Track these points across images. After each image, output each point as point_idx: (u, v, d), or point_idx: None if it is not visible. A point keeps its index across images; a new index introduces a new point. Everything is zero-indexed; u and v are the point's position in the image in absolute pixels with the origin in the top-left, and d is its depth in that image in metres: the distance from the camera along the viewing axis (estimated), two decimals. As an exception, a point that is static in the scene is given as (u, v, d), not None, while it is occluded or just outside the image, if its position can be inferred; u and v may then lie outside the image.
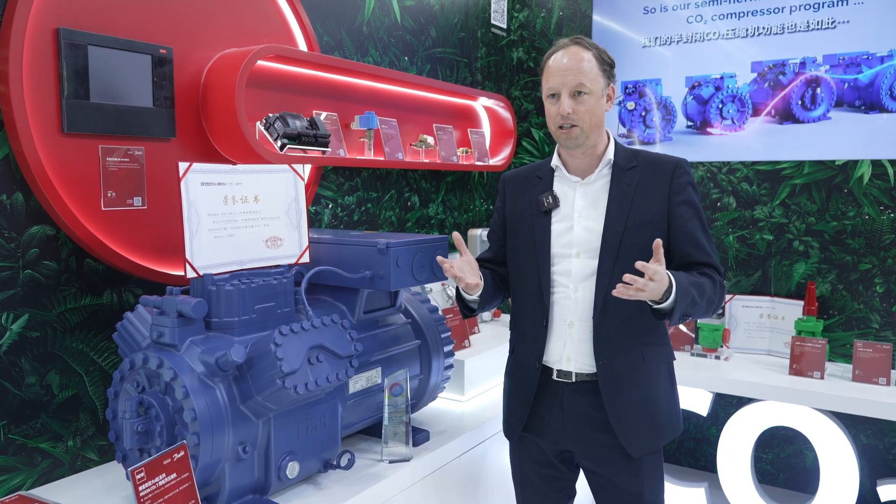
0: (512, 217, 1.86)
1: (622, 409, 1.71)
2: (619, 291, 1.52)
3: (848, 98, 2.88)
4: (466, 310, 1.82)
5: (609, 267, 1.68)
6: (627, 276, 1.50)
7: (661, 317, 1.59)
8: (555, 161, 1.81)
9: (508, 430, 1.88)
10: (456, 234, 1.70)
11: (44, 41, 1.63)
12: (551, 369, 1.77)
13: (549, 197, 1.77)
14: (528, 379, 1.80)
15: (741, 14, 3.09)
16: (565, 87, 1.68)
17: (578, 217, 1.74)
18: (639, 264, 1.51)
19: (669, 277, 1.54)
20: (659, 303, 1.55)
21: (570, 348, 1.74)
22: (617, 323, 1.70)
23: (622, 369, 1.71)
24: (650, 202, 1.71)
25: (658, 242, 1.54)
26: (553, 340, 1.77)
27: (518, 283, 1.83)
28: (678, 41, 3.24)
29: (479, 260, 1.93)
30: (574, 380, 1.75)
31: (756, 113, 3.09)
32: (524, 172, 1.89)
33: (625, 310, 1.69)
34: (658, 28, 3.29)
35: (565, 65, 1.69)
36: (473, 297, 1.76)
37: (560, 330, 1.76)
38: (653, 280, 1.49)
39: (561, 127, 1.70)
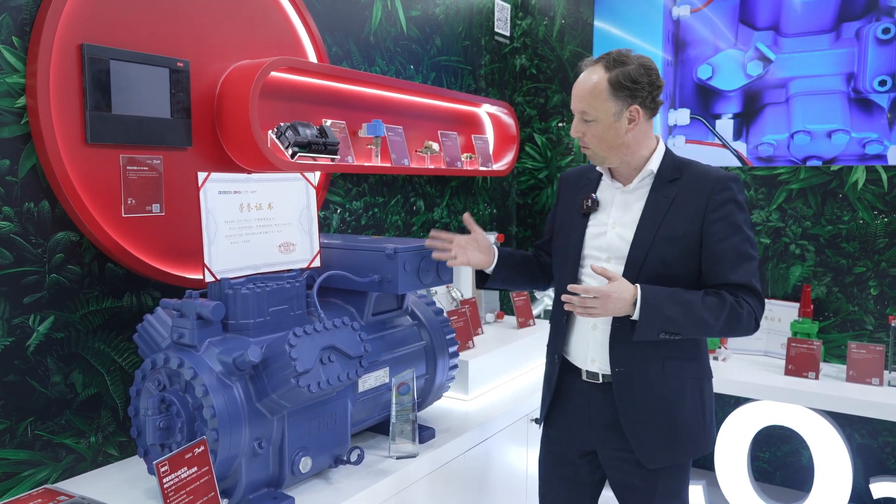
0: (561, 214, 1.91)
1: (636, 418, 1.72)
2: (568, 307, 1.65)
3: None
4: (480, 277, 1.97)
5: (633, 276, 1.69)
6: (570, 290, 1.64)
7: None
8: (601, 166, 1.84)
9: (539, 416, 1.98)
10: (466, 214, 1.89)
11: (69, 56, 1.71)
12: (580, 369, 1.82)
13: (589, 200, 1.80)
14: (551, 371, 1.89)
15: (739, 23, 3.16)
16: (574, 110, 1.73)
17: (613, 223, 1.76)
18: (571, 287, 1.63)
19: (638, 290, 1.61)
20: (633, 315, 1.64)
21: (594, 350, 1.78)
22: (632, 331, 1.68)
23: (638, 378, 1.72)
24: (684, 217, 1.68)
25: (594, 266, 1.65)
26: (577, 341, 1.81)
27: (556, 280, 1.90)
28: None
29: (535, 247, 2.07)
30: (601, 381, 1.78)
31: (753, 119, 3.16)
32: (579, 172, 1.93)
33: None
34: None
35: (575, 87, 1.72)
36: (486, 270, 1.93)
37: (584, 331, 1.80)
38: (597, 298, 1.60)
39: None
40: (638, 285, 1.63)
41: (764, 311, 1.69)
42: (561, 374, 1.86)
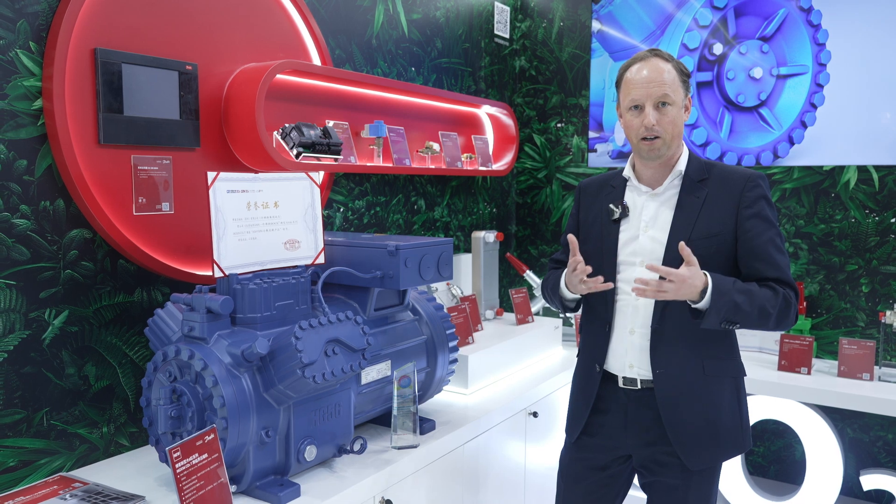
0: (584, 224, 1.92)
1: (680, 421, 1.73)
2: (638, 291, 1.63)
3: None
4: (564, 306, 1.92)
5: None
6: (638, 279, 1.62)
7: (699, 315, 1.65)
8: (627, 171, 1.86)
9: (569, 429, 1.95)
10: (572, 237, 1.78)
11: (83, 61, 1.78)
12: (616, 376, 1.83)
13: (619, 206, 1.82)
14: (589, 383, 1.87)
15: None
16: (649, 98, 1.71)
17: (645, 227, 1.79)
18: (650, 266, 1.61)
19: (707, 278, 1.61)
20: (698, 302, 1.63)
21: (632, 356, 1.79)
22: (676, 333, 1.72)
23: (680, 380, 1.73)
24: (718, 215, 1.72)
25: (682, 245, 1.61)
26: (615, 347, 1.82)
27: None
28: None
29: (553, 261, 2.04)
30: (639, 386, 1.79)
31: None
32: (599, 181, 1.95)
33: (685, 321, 1.71)
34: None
35: (647, 77, 1.71)
36: (576, 295, 1.86)
37: (622, 337, 1.81)
38: (672, 282, 1.59)
39: (644, 138, 1.73)
40: (707, 273, 1.63)
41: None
42: (600, 385, 1.86)
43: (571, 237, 1.77)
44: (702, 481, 1.78)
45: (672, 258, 1.71)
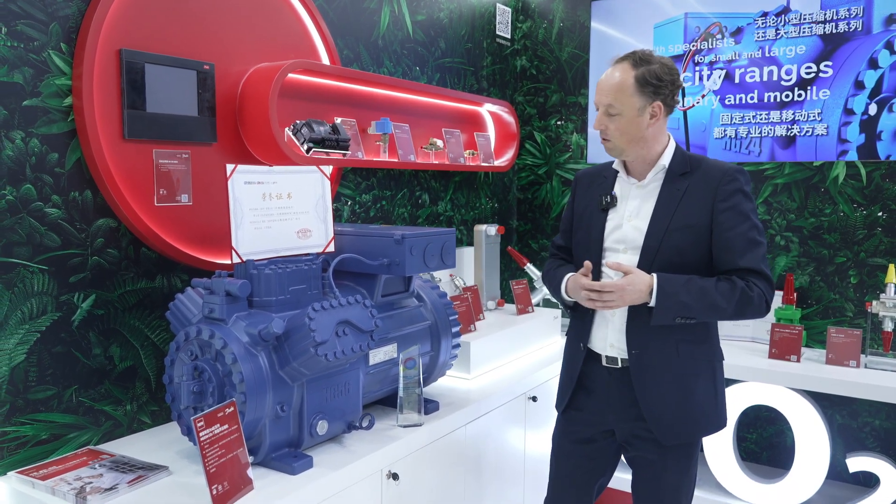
0: (578, 212, 2.04)
1: (653, 399, 1.84)
2: (589, 303, 1.78)
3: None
4: (564, 304, 2.03)
5: (648, 264, 1.82)
6: (587, 288, 1.77)
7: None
8: (617, 164, 1.96)
9: (558, 403, 2.08)
10: (587, 263, 1.86)
11: (109, 61, 1.90)
12: (600, 355, 1.94)
13: (608, 196, 1.93)
14: (575, 359, 2.00)
15: (727, 26, 3.33)
16: (599, 104, 1.83)
17: (629, 216, 1.89)
18: (609, 264, 1.75)
19: (654, 280, 1.73)
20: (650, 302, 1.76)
21: (612, 336, 1.91)
22: (649, 316, 1.79)
23: (653, 360, 1.84)
24: (695, 208, 1.80)
25: (610, 263, 1.77)
26: (597, 328, 1.94)
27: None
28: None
29: (554, 245, 2.15)
30: (620, 365, 1.91)
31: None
32: (594, 172, 2.06)
33: None
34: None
35: (601, 82, 1.83)
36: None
37: (603, 319, 1.93)
38: (612, 292, 1.73)
39: (603, 138, 1.87)
40: (654, 274, 1.75)
41: (774, 293, 1.79)
42: (585, 361, 1.97)
43: (587, 263, 1.87)
44: (679, 457, 1.89)
45: (650, 246, 1.83)
